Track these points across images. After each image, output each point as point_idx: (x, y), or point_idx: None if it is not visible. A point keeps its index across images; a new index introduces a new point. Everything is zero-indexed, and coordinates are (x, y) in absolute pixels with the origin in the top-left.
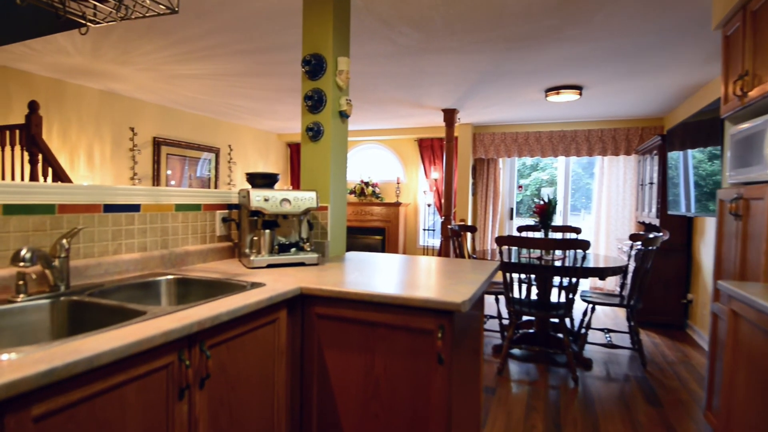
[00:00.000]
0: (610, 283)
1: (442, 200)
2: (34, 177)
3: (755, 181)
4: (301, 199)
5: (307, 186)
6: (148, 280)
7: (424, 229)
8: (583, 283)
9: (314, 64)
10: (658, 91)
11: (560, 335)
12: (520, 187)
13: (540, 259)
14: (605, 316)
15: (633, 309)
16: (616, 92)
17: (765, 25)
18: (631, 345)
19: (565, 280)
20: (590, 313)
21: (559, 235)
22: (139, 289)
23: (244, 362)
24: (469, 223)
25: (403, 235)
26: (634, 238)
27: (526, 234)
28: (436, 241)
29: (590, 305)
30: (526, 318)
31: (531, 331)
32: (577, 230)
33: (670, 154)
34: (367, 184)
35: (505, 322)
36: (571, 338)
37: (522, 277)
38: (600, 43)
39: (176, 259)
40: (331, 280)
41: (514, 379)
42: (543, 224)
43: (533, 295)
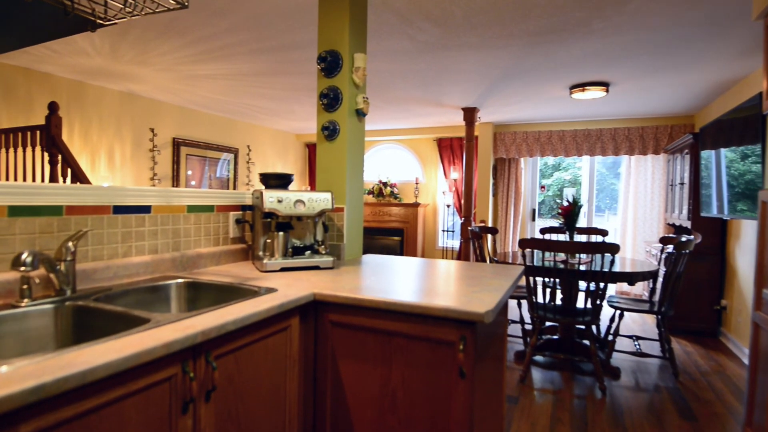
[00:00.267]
0: (637, 287)
1: (462, 201)
2: (53, 178)
3: None
4: (316, 201)
5: (323, 187)
6: (158, 283)
7: (444, 231)
8: (609, 288)
9: (330, 61)
10: (690, 87)
11: (586, 342)
12: (543, 187)
13: (565, 262)
14: (633, 322)
15: (664, 316)
16: (645, 89)
17: None
18: (661, 353)
19: (591, 285)
20: (618, 319)
21: (585, 238)
22: (148, 293)
23: (253, 373)
24: (490, 224)
25: (422, 236)
26: (665, 241)
27: (549, 236)
28: (456, 243)
29: (618, 311)
30: (549, 323)
31: (555, 337)
32: (604, 232)
33: (702, 153)
34: (386, 184)
35: (528, 328)
36: (597, 345)
37: (546, 281)
38: (629, 36)
39: (188, 262)
40: (347, 285)
41: (538, 388)
42: (568, 226)
43: (557, 300)
